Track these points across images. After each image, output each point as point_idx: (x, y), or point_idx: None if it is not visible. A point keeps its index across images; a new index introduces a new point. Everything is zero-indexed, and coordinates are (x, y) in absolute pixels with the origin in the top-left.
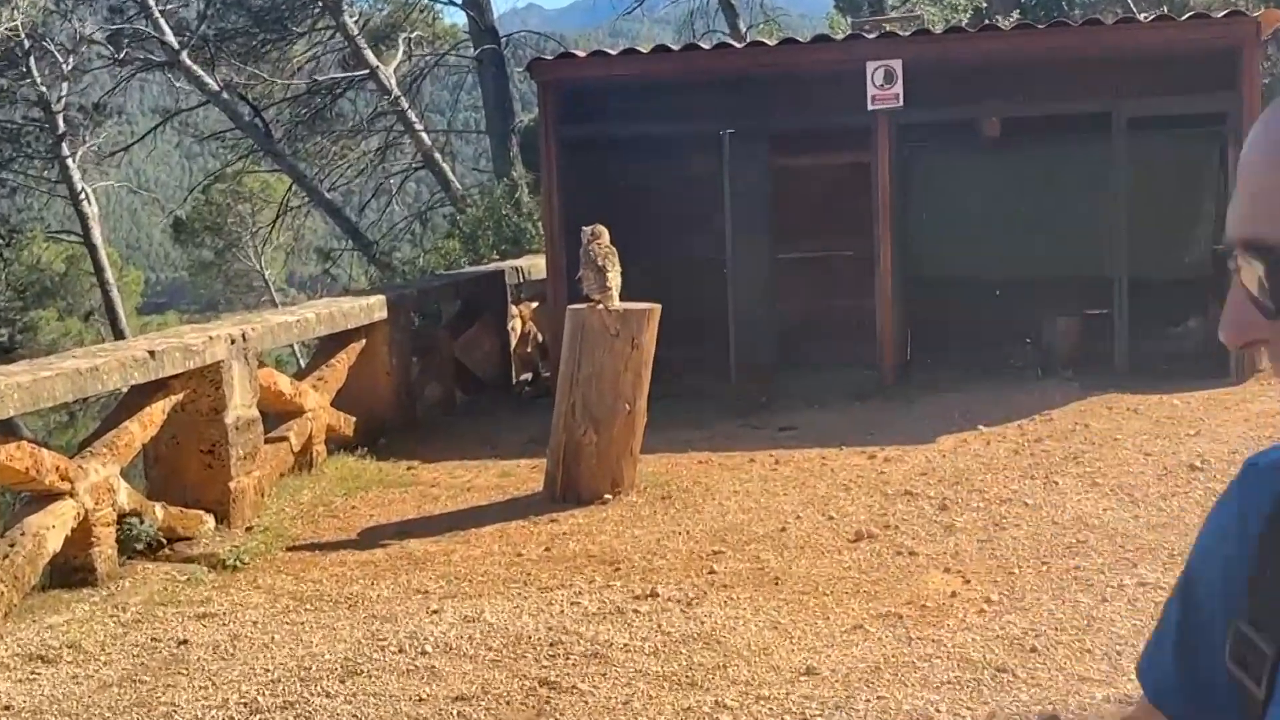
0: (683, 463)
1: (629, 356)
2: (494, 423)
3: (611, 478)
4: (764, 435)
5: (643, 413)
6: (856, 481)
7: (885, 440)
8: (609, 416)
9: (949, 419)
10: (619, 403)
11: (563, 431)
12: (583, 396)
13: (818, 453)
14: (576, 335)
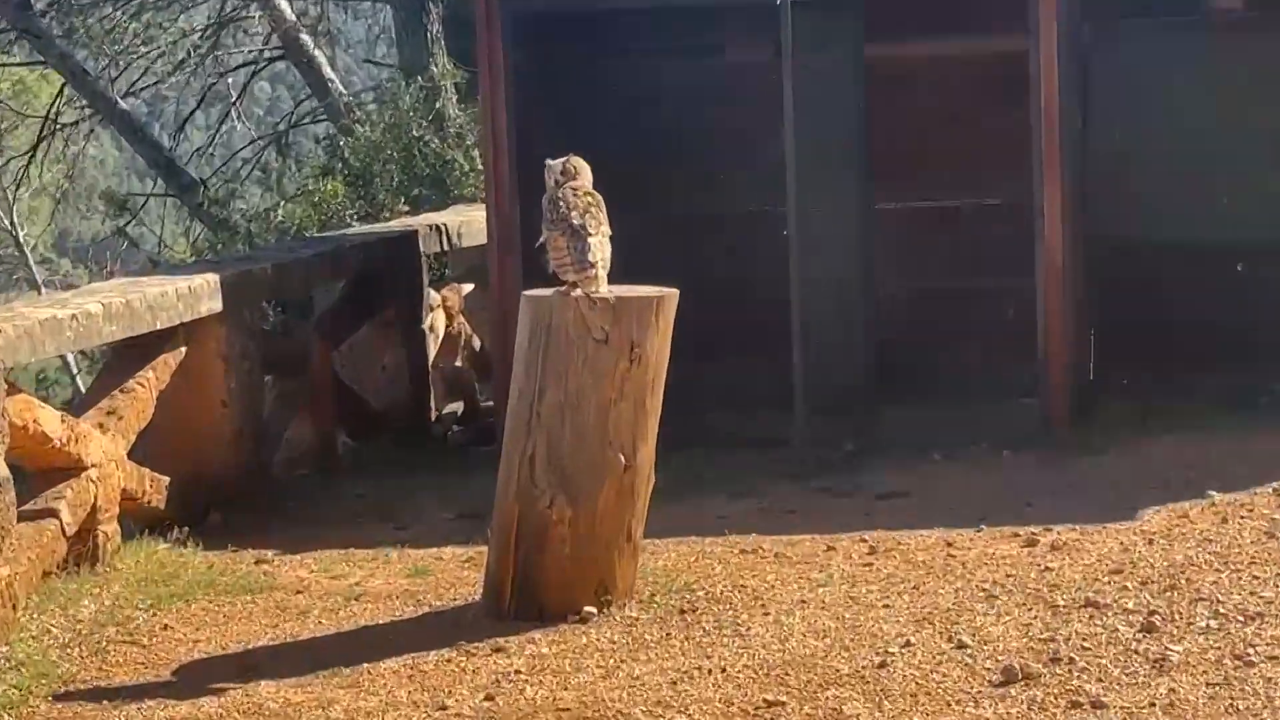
0: (715, 553)
1: (625, 376)
2: (401, 486)
3: (597, 578)
4: (851, 506)
5: (648, 470)
6: (1005, 584)
7: (1052, 515)
8: (592, 476)
9: (1159, 480)
10: (608, 453)
11: (514, 501)
12: (548, 443)
13: (940, 535)
14: (539, 340)
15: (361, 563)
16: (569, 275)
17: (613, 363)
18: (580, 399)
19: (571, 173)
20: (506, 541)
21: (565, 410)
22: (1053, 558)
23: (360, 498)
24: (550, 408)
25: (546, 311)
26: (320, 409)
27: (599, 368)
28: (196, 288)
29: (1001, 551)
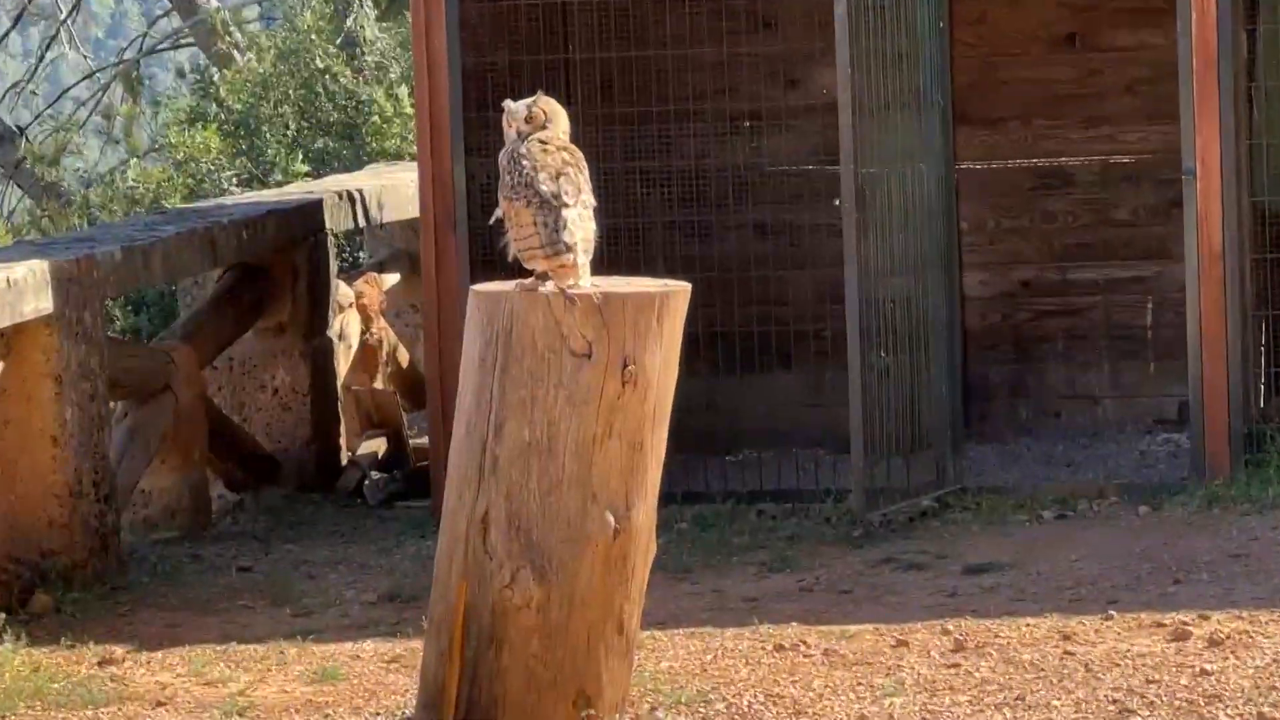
0: (740, 650)
1: (615, 404)
2: (301, 556)
3: (576, 686)
4: (928, 584)
5: (648, 535)
6: (1145, 694)
7: (1209, 597)
8: (569, 544)
9: None
10: (591, 512)
11: (461, 578)
12: (508, 497)
13: (1053, 625)
14: (495, 355)
15: (247, 663)
16: (537, 263)
17: (598, 385)
18: (553, 436)
19: (540, 119)
20: (450, 635)
21: (532, 452)
22: (1211, 657)
23: (245, 572)
24: (511, 449)
25: (506, 314)
26: (188, 448)
27: (579, 392)
28: (17, 281)
29: (1140, 648)
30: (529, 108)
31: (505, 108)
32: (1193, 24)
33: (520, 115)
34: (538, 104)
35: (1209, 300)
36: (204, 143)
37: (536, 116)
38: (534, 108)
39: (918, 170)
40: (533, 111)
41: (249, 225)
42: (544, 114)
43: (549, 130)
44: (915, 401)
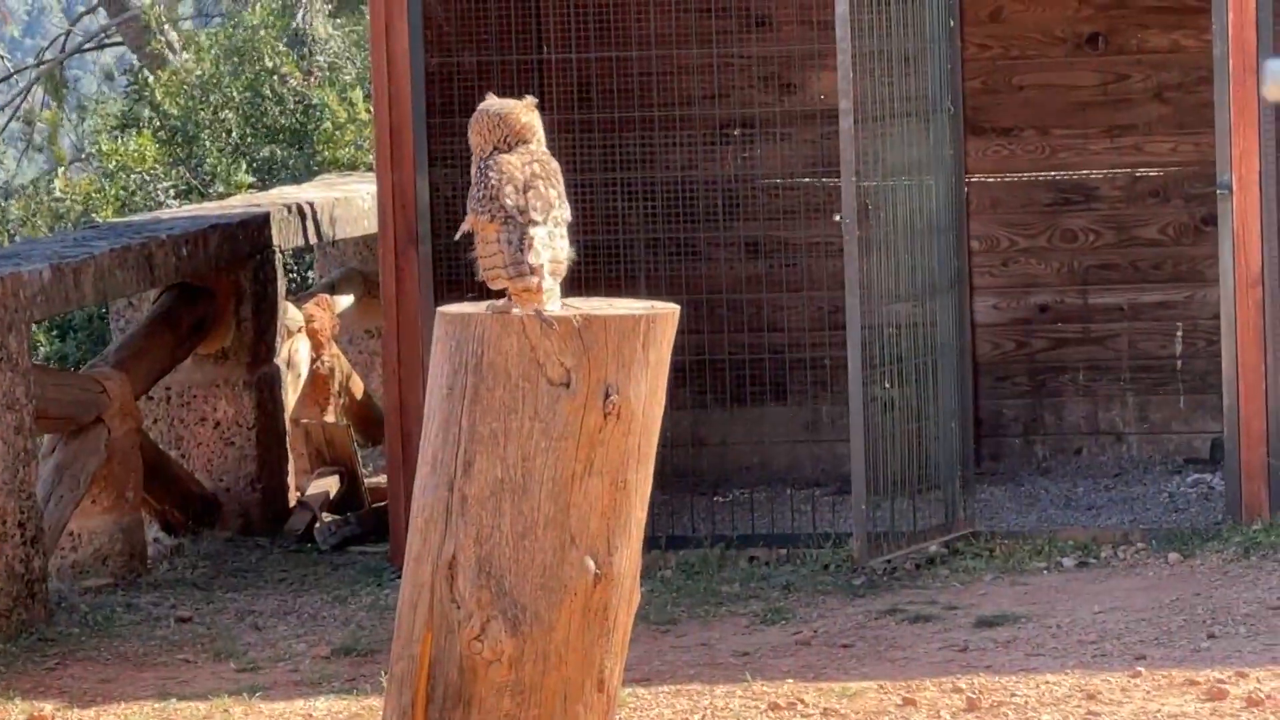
0: (732, 709)
1: (596, 438)
2: (246, 606)
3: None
4: (937, 638)
5: (630, 582)
6: None
7: (1247, 653)
8: (545, 593)
9: None
10: (570, 557)
11: (425, 630)
12: (478, 541)
13: (1076, 683)
14: (462, 380)
15: None
16: (500, 283)
17: (577, 418)
18: (528, 474)
19: (514, 126)
20: (414, 692)
21: (504, 491)
22: (1251, 718)
23: (184, 623)
24: (481, 488)
25: (476, 338)
26: (121, 487)
27: (557, 425)
28: None
29: (1171, 708)
30: (499, 113)
31: (480, 115)
32: (1229, 23)
33: (489, 120)
34: (508, 111)
35: (1246, 327)
36: (138, 151)
37: (510, 123)
38: (507, 114)
39: (925, 183)
40: (505, 117)
41: (190, 241)
42: (517, 121)
43: (520, 136)
44: (922, 438)
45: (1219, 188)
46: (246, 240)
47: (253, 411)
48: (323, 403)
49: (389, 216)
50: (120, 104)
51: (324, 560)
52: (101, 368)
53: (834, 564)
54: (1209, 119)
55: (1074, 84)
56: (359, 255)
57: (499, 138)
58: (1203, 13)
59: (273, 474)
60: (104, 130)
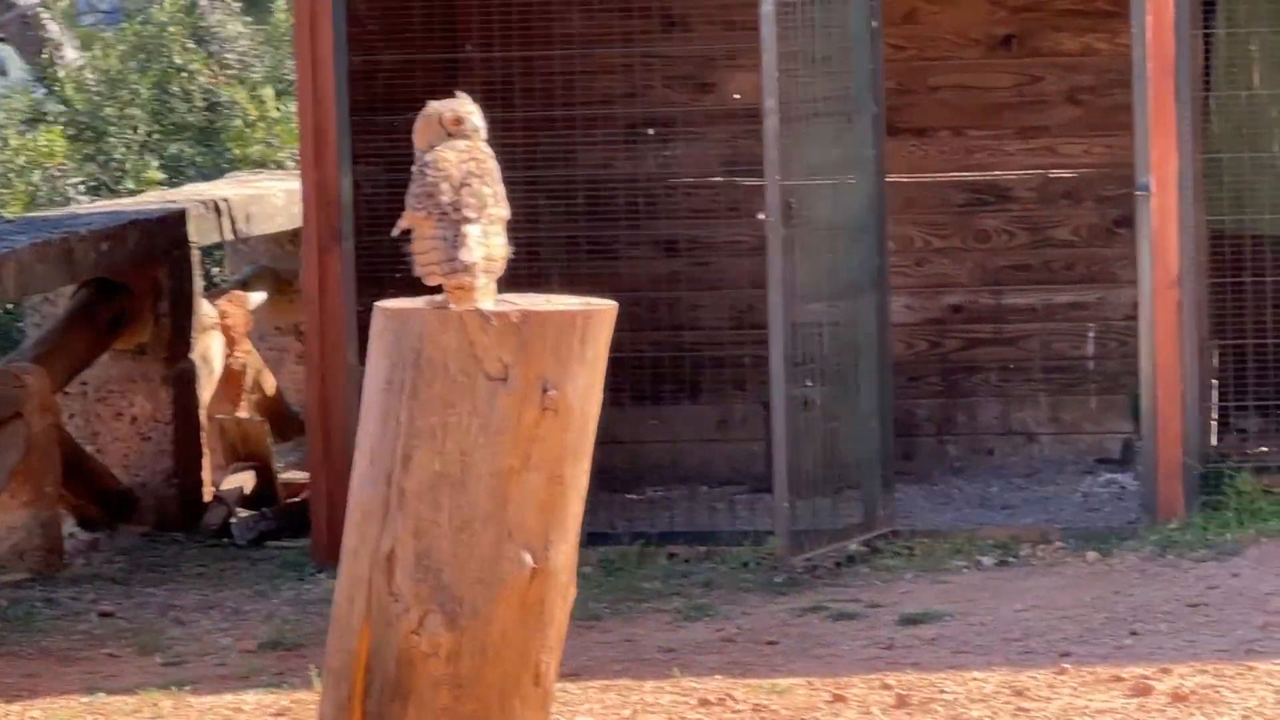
0: (661, 704)
1: (534, 434)
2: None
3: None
4: (861, 635)
5: (567, 576)
6: None
7: (1169, 649)
8: (483, 586)
9: None
10: (507, 551)
11: (362, 623)
12: (416, 534)
13: (1003, 679)
14: (403, 379)
15: (117, 716)
16: (435, 280)
17: (515, 413)
18: (466, 469)
19: (450, 119)
20: (351, 685)
21: (443, 485)
22: (1176, 713)
23: (106, 618)
24: (420, 482)
25: (415, 334)
26: (39, 482)
27: (495, 421)
28: None
29: (1098, 704)
30: (444, 110)
31: (429, 113)
32: (1147, 26)
33: (436, 117)
34: (452, 108)
35: (1164, 328)
36: (47, 146)
37: (458, 119)
38: (452, 111)
39: (846, 183)
40: (450, 114)
41: (109, 236)
42: (461, 119)
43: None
44: (843, 437)
45: (1138, 189)
46: (164, 236)
47: (169, 407)
48: (235, 399)
49: (312, 214)
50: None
51: (241, 555)
52: (20, 362)
53: (753, 562)
54: (1121, 122)
55: (988, 86)
56: (269, 252)
57: (435, 135)
58: (1115, 16)
59: (189, 469)
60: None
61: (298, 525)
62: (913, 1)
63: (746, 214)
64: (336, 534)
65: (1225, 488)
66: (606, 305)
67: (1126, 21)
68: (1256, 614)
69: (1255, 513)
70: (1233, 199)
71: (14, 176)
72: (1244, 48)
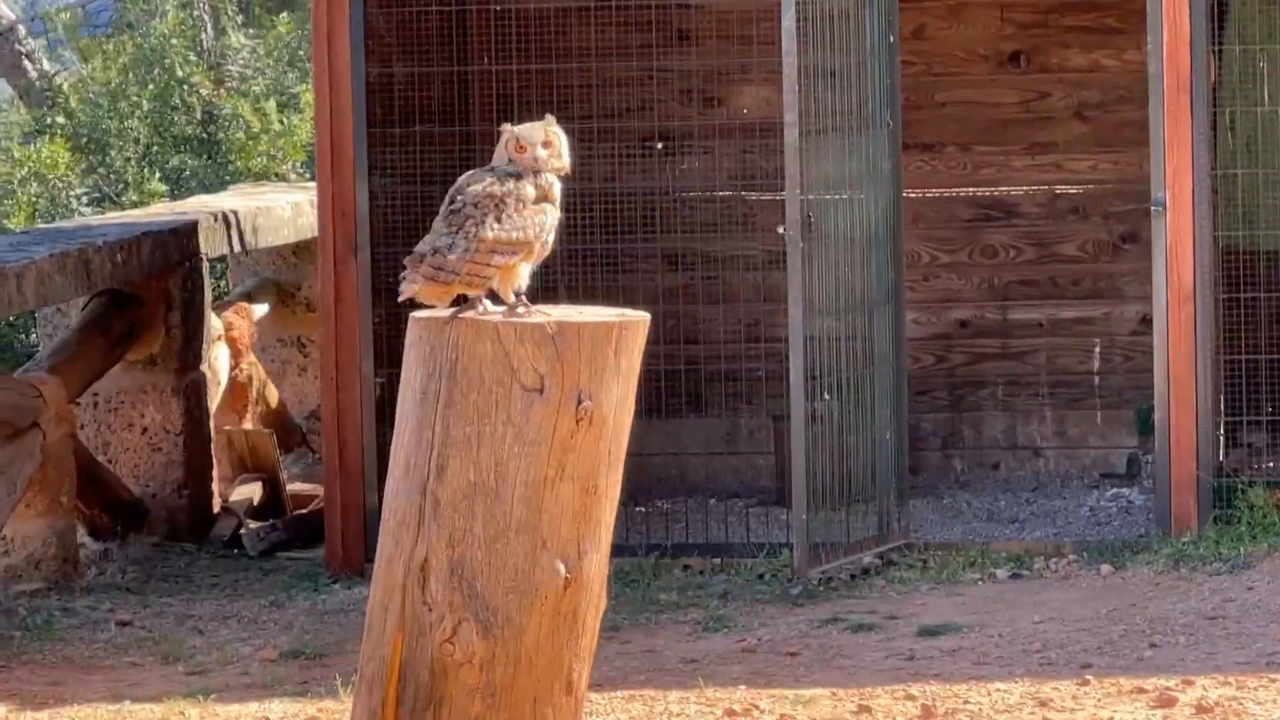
0: (686, 714)
1: (569, 444)
2: (184, 610)
3: None
4: (881, 646)
5: (600, 587)
6: None
7: (1190, 661)
8: (517, 596)
9: None
10: (541, 561)
11: (396, 631)
12: (450, 544)
13: (1026, 690)
14: (435, 385)
15: None
16: (467, 285)
17: (550, 423)
18: (500, 478)
19: (526, 151)
20: (384, 694)
21: (477, 495)
22: None
23: (125, 626)
24: (454, 491)
25: (451, 344)
26: (55, 492)
27: (530, 431)
28: None
29: (1123, 714)
30: (520, 138)
31: (504, 129)
32: (1164, 41)
33: (512, 144)
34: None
35: (1178, 342)
36: (50, 158)
37: (546, 140)
38: (527, 140)
39: (862, 197)
40: (524, 143)
41: (124, 248)
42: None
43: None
44: (860, 450)
45: (1153, 204)
46: (176, 248)
47: (180, 418)
48: (241, 410)
49: (329, 224)
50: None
51: (253, 566)
52: (37, 372)
53: (769, 574)
54: (1128, 138)
55: (996, 101)
56: (272, 264)
57: (500, 155)
58: (1122, 33)
59: (199, 480)
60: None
61: (308, 536)
62: (921, 17)
63: (755, 228)
64: (351, 544)
65: (1237, 502)
66: (640, 316)
67: (1134, 38)
68: (1275, 626)
69: (1268, 527)
70: (1243, 214)
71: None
72: (1254, 64)
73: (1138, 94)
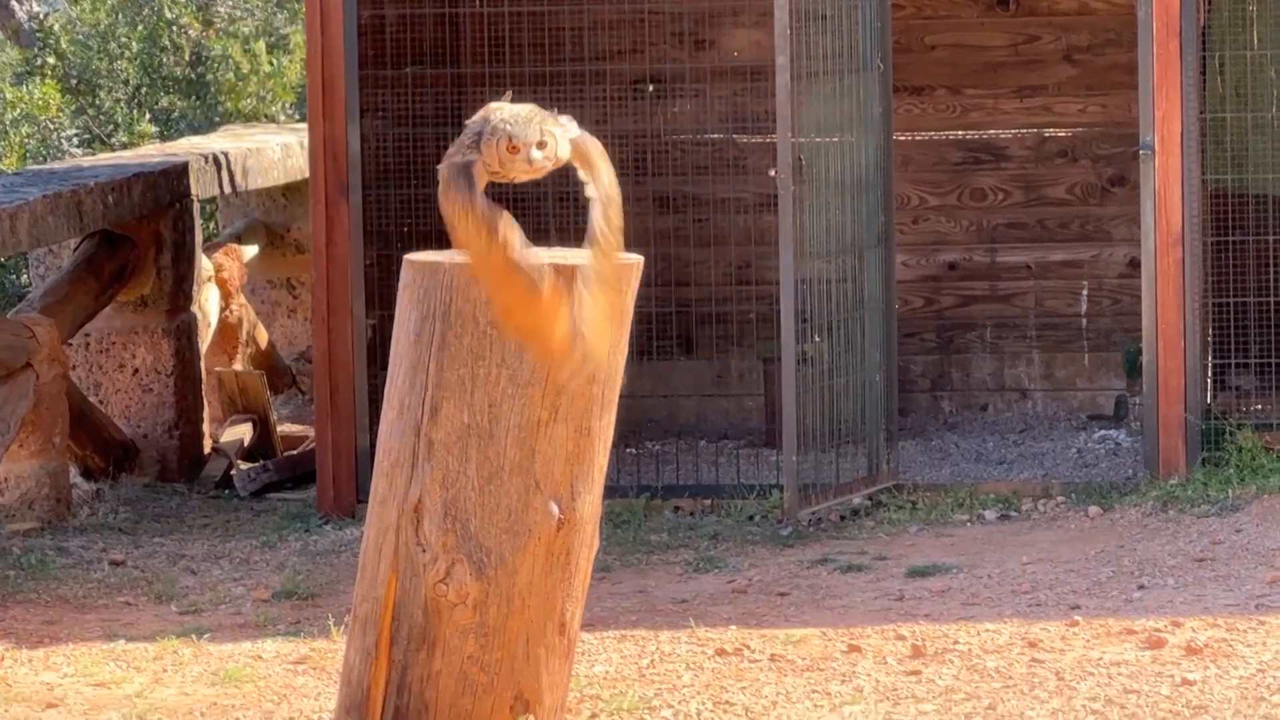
0: (679, 654)
1: (562, 386)
2: (176, 550)
3: (514, 690)
4: (871, 587)
5: (593, 528)
6: (1126, 705)
7: (1179, 603)
8: (510, 536)
9: None
10: (534, 502)
11: (388, 573)
12: (444, 485)
13: (1016, 631)
14: (430, 327)
15: (139, 663)
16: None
17: (544, 366)
18: (494, 420)
19: (520, 152)
20: (377, 633)
21: (470, 437)
22: (1191, 666)
23: (118, 566)
24: (448, 433)
25: (445, 286)
26: (48, 432)
27: (523, 373)
28: None
29: (1113, 655)
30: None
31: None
32: None
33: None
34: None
35: (1166, 286)
36: (42, 99)
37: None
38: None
39: (853, 140)
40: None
41: (115, 189)
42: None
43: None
44: (849, 392)
45: (1141, 148)
46: (167, 189)
47: (171, 359)
48: (231, 351)
49: (320, 167)
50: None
51: (244, 506)
52: (29, 313)
53: (759, 515)
54: (1117, 81)
55: (985, 44)
56: (262, 206)
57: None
58: None
59: (190, 421)
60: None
61: (299, 477)
62: None
63: (747, 171)
64: (342, 485)
65: (1225, 444)
66: (633, 259)
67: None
68: (1263, 569)
69: (1256, 469)
70: (1232, 158)
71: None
72: (1244, 7)
73: (1127, 37)
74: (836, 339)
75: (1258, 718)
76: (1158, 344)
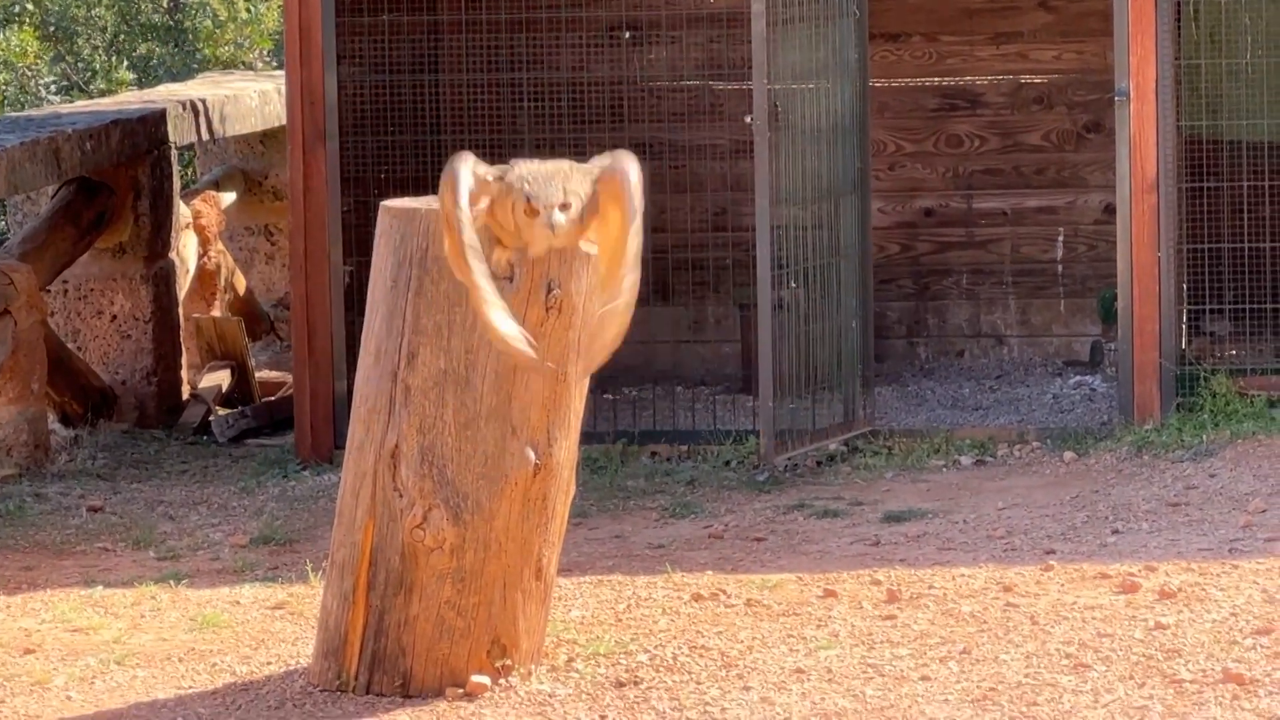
0: (655, 598)
1: (538, 331)
2: (154, 496)
3: (491, 634)
4: (847, 532)
5: (569, 473)
6: (1099, 648)
7: (1152, 547)
8: (487, 481)
9: None
10: (511, 447)
11: (365, 518)
12: (421, 430)
13: (991, 575)
14: (406, 273)
15: (117, 609)
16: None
17: (520, 311)
18: (470, 366)
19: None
20: (355, 578)
21: (447, 383)
22: (1165, 610)
23: (96, 513)
24: (425, 379)
25: (421, 232)
26: (26, 379)
27: None
28: None
29: (1087, 600)
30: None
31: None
32: None
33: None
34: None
35: (1141, 231)
36: (20, 46)
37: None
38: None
39: (829, 87)
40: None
41: (93, 136)
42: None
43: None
44: (825, 338)
45: (1116, 94)
46: (145, 136)
47: (149, 305)
48: (209, 298)
49: (298, 113)
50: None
51: (222, 453)
52: (8, 260)
53: (735, 460)
54: (1092, 28)
55: None
56: (239, 153)
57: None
58: None
59: (168, 367)
60: None
61: (277, 423)
62: None
63: (723, 117)
64: (320, 431)
65: (1200, 390)
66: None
67: None
68: (1237, 513)
69: (1230, 414)
70: (1207, 104)
71: None
72: None
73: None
74: (813, 285)
75: (1230, 660)
76: (1133, 290)
